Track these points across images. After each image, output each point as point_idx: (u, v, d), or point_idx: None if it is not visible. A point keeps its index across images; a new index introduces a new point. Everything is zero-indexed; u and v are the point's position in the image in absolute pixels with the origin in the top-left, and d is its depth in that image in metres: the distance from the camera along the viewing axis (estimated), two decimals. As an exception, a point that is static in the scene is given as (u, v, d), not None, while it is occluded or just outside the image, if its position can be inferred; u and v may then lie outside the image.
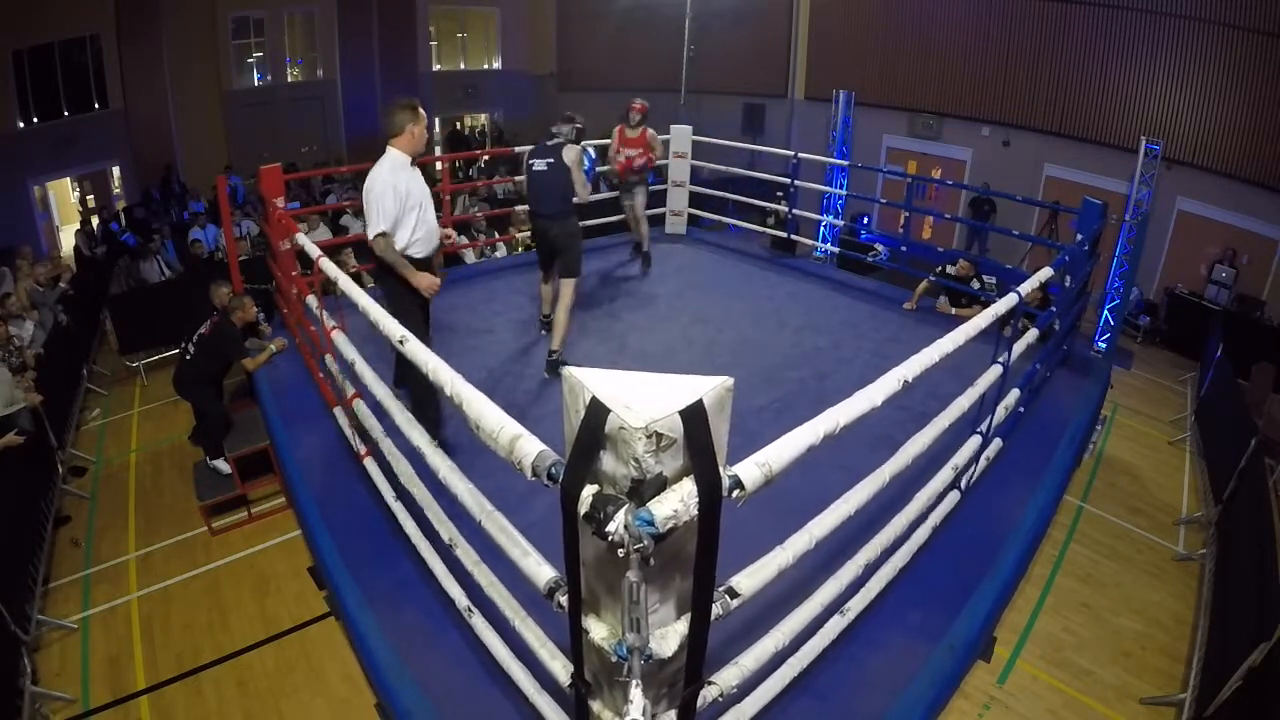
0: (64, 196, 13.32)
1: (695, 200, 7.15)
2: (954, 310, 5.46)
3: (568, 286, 4.40)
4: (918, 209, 11.46)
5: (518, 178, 11.63)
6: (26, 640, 4.09)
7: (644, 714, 1.30)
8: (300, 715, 3.92)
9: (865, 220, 11.98)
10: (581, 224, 4.53)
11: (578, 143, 4.40)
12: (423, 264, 3.46)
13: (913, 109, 12.18)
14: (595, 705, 1.63)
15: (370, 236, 3.33)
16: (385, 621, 2.58)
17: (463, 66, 16.37)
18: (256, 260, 7.30)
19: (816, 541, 1.81)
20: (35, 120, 11.29)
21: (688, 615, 1.47)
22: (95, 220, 10.98)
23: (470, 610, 2.37)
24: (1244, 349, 7.62)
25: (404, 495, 2.85)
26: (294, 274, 4.69)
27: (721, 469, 1.32)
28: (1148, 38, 9.65)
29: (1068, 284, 4.30)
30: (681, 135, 6.85)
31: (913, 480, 2.64)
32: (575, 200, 4.36)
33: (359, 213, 9.50)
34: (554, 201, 4.36)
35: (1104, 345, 6.25)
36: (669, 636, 1.45)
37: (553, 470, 1.34)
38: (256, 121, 13.64)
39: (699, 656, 1.51)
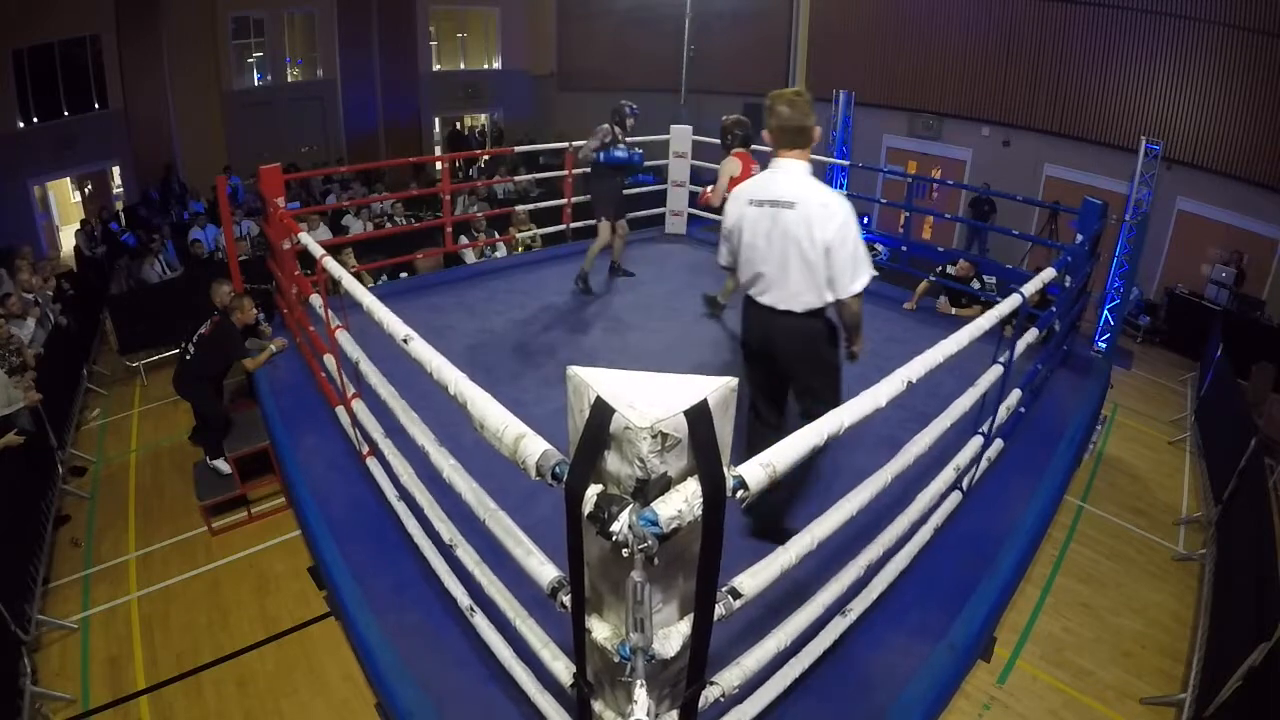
0: (64, 196, 13.32)
1: (695, 200, 7.14)
2: (954, 310, 5.46)
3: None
4: (918, 209, 11.47)
5: (518, 178, 11.72)
6: (26, 640, 4.09)
7: (648, 714, 1.30)
8: (300, 715, 3.92)
9: (865, 220, 11.99)
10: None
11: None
12: None
13: (913, 109, 12.19)
14: (597, 706, 1.63)
15: (853, 292, 2.48)
16: (385, 621, 2.58)
17: (463, 66, 16.38)
18: (256, 260, 7.30)
19: (818, 542, 1.80)
20: (35, 120, 11.29)
21: (691, 615, 1.47)
22: (94, 220, 10.98)
23: (472, 610, 2.36)
24: (1244, 349, 7.63)
25: (405, 495, 2.85)
26: (295, 274, 4.69)
27: (726, 469, 1.32)
28: (1148, 38, 9.65)
29: (1068, 284, 4.30)
30: (681, 135, 6.84)
31: (914, 481, 2.64)
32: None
33: (359, 212, 9.59)
34: None
35: (1104, 345, 6.26)
36: (672, 637, 1.45)
37: (557, 470, 1.34)
38: (256, 121, 13.65)
39: (702, 657, 1.51)
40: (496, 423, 1.52)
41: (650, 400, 1.25)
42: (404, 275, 7.21)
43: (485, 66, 16.64)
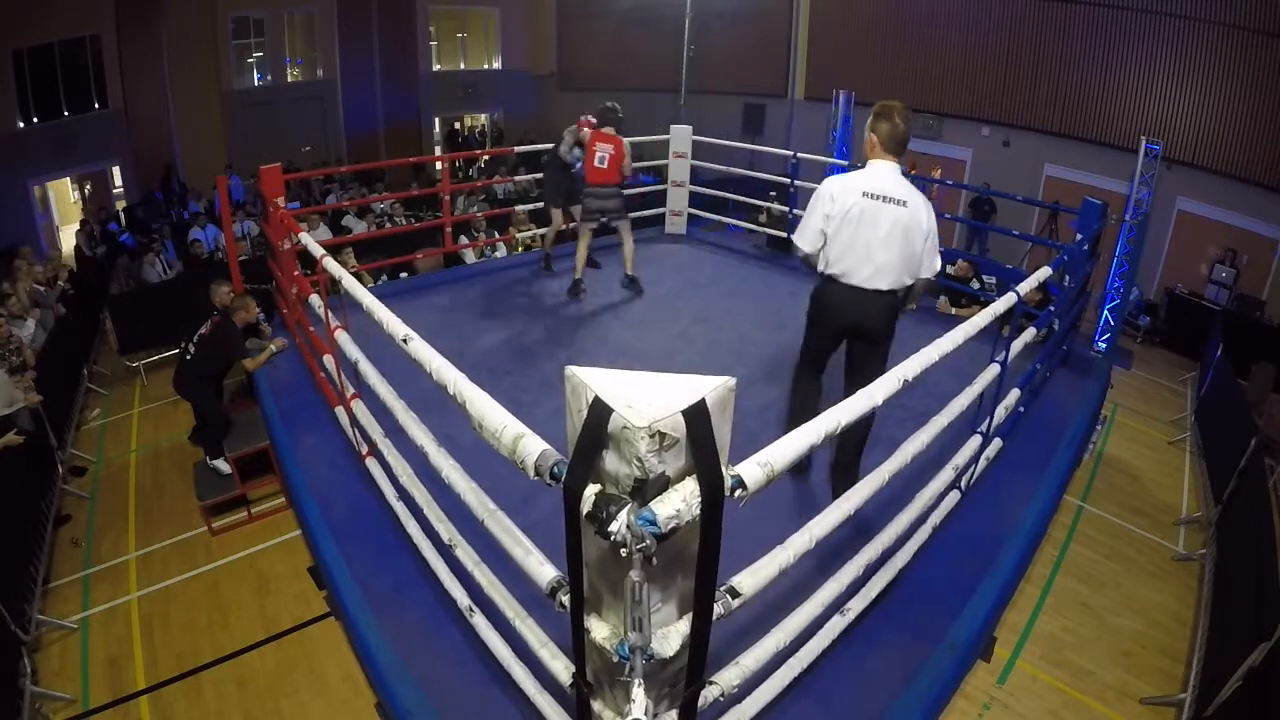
0: (64, 196, 13.32)
1: (695, 200, 7.15)
2: (954, 310, 5.47)
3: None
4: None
5: (518, 178, 11.72)
6: (26, 640, 4.09)
7: (646, 713, 1.30)
8: (300, 715, 3.92)
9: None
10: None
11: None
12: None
13: (913, 109, 12.16)
14: (597, 705, 1.63)
15: (935, 271, 2.91)
16: (385, 621, 2.58)
17: (463, 66, 16.38)
18: (256, 260, 7.30)
19: (817, 541, 1.81)
20: (35, 120, 11.30)
21: (689, 615, 1.47)
22: (93, 220, 10.98)
23: (471, 610, 2.37)
24: (1244, 349, 7.63)
25: (405, 495, 2.85)
26: (295, 274, 4.69)
27: (724, 468, 1.32)
28: (1148, 38, 9.65)
29: (1067, 284, 4.30)
30: (681, 135, 6.84)
31: (913, 480, 2.65)
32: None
33: (360, 213, 9.60)
34: None
35: (1104, 345, 6.26)
36: (671, 636, 1.45)
37: (555, 469, 1.34)
38: (256, 121, 13.65)
39: (700, 656, 1.51)
40: (495, 422, 1.52)
41: (648, 400, 1.25)
42: (404, 275, 7.21)
43: (485, 66, 16.64)
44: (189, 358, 5.06)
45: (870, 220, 2.74)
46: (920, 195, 2.79)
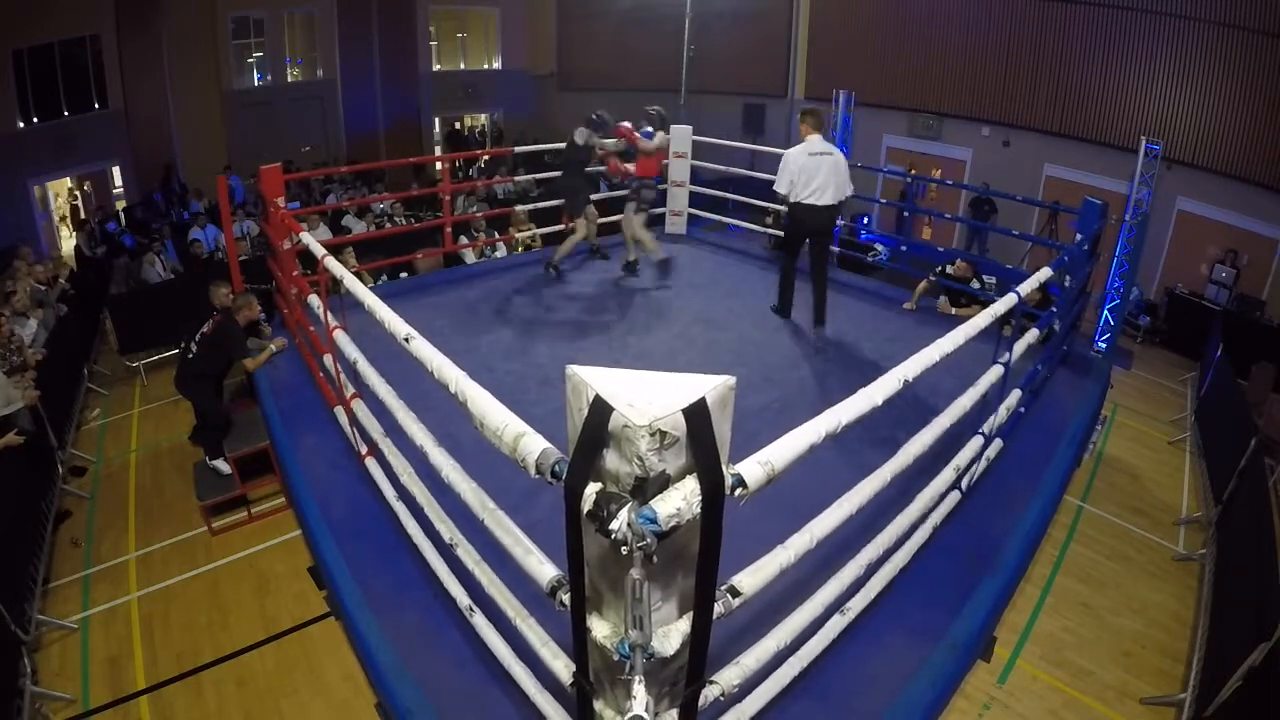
0: (62, 197, 13.33)
1: (695, 200, 7.15)
2: (954, 310, 5.46)
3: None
4: (918, 209, 11.49)
5: (518, 178, 11.73)
6: (26, 640, 4.09)
7: (647, 710, 1.30)
8: (300, 715, 3.92)
9: (865, 220, 11.99)
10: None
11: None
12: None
13: (913, 109, 12.19)
14: (598, 705, 1.63)
15: (851, 192, 4.86)
16: (385, 621, 2.58)
17: (463, 66, 16.39)
18: (256, 260, 7.30)
19: (817, 540, 1.81)
20: (35, 120, 11.29)
21: (690, 613, 1.47)
22: (70, 220, 10.94)
23: (471, 609, 2.37)
24: (1244, 349, 7.62)
25: (405, 495, 2.85)
26: (294, 274, 4.69)
27: (724, 467, 1.32)
28: (1148, 38, 9.65)
29: (1067, 284, 4.30)
30: (681, 135, 6.84)
31: (914, 480, 2.64)
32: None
33: (360, 212, 9.61)
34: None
35: (1104, 345, 6.24)
36: (671, 635, 1.46)
37: (556, 468, 1.34)
38: (256, 121, 13.65)
39: (701, 655, 1.51)
40: (497, 421, 1.52)
41: (649, 399, 1.25)
42: (404, 275, 7.21)
43: (485, 66, 16.64)
44: (190, 356, 5.05)
45: (817, 167, 4.64)
46: (837, 148, 4.77)
